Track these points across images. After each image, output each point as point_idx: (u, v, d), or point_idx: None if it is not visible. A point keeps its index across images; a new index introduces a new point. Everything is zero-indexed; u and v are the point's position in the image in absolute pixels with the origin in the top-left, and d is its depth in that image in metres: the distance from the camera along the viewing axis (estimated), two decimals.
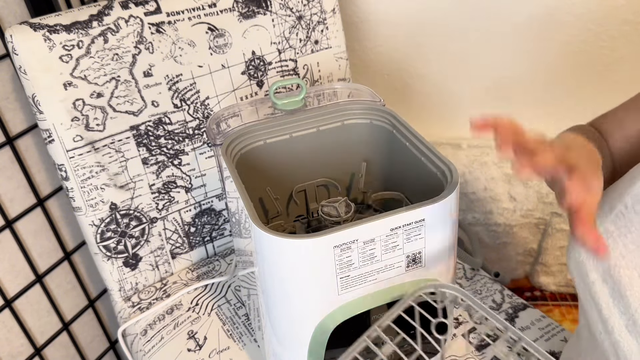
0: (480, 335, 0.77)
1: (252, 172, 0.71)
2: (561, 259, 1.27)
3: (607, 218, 0.50)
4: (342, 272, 0.55)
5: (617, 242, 0.49)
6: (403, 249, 0.57)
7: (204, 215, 0.90)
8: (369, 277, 0.57)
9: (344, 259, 0.54)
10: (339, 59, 0.94)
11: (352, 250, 0.54)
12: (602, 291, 0.50)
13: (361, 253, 0.55)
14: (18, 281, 0.87)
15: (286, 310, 0.59)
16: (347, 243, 0.53)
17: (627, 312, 0.48)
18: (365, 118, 0.74)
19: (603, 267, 0.50)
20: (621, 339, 0.49)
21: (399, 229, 0.55)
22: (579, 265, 0.52)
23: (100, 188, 0.78)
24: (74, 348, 0.99)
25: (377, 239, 0.55)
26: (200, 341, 0.79)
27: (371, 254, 0.55)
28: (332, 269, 0.54)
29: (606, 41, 1.03)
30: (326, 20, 0.90)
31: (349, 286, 0.56)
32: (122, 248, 0.84)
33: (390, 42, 1.11)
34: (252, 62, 0.85)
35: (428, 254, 0.58)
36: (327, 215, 0.69)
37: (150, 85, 0.78)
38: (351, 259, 0.55)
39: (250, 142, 0.71)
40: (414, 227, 0.56)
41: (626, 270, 0.48)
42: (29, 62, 0.69)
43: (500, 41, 1.07)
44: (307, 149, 0.74)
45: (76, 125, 0.74)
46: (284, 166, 0.74)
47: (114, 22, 0.73)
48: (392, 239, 0.55)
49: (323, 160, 0.76)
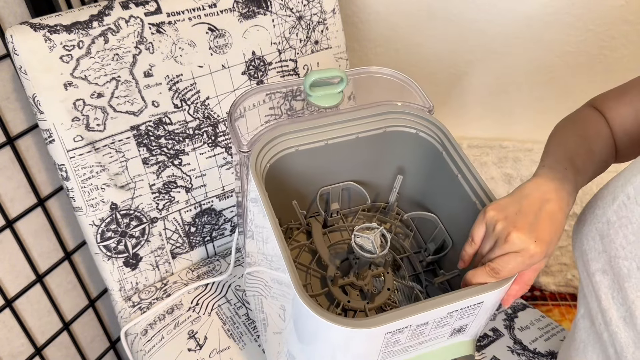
0: None
1: (278, 183, 0.64)
2: (561, 259, 1.27)
3: (610, 208, 0.49)
4: (387, 349, 0.52)
5: (618, 233, 0.48)
6: (452, 325, 0.53)
7: (204, 215, 0.90)
8: (411, 348, 0.54)
9: (391, 340, 0.50)
10: (339, 59, 0.94)
11: (403, 333, 0.50)
12: (602, 282, 0.50)
13: (410, 334, 0.51)
14: (18, 281, 0.87)
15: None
16: (401, 329, 0.49)
17: (625, 304, 0.48)
18: (411, 127, 0.66)
19: (604, 257, 0.50)
20: (619, 330, 0.49)
21: (455, 312, 0.51)
22: (583, 254, 0.52)
23: (100, 188, 0.78)
24: (75, 348, 0.99)
25: (431, 322, 0.51)
26: (200, 341, 0.79)
27: (421, 332, 0.52)
28: (377, 347, 0.51)
29: (606, 41, 1.03)
30: (326, 21, 0.90)
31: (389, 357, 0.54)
32: (123, 248, 0.84)
33: (390, 42, 1.11)
34: (252, 63, 0.85)
35: (474, 325, 0.55)
36: (361, 248, 0.61)
37: (150, 86, 0.78)
38: (399, 339, 0.51)
39: (280, 149, 0.62)
40: (471, 309, 0.52)
41: (625, 261, 0.48)
42: (30, 62, 0.69)
43: (501, 41, 1.07)
44: (341, 156, 0.67)
45: (76, 126, 0.74)
46: (311, 171, 0.67)
47: (115, 23, 0.73)
48: (445, 320, 0.52)
49: (354, 165, 0.69)
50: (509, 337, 0.76)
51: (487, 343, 0.76)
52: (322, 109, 0.63)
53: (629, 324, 0.48)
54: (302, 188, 0.70)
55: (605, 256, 0.50)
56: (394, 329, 0.49)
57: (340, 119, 0.64)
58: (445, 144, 0.64)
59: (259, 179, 0.58)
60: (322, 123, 0.63)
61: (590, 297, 0.53)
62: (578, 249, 0.53)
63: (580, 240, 0.52)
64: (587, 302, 0.54)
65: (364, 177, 0.72)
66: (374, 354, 0.52)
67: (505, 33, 1.05)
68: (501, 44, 1.07)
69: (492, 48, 1.08)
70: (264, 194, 0.56)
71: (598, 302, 0.51)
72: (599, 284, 0.50)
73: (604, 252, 0.50)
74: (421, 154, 0.68)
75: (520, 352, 0.74)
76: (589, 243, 0.51)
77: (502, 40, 1.06)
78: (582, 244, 0.52)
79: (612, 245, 0.49)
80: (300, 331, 0.54)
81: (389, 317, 0.48)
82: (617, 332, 0.49)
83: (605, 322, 0.51)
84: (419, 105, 0.66)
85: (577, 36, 1.03)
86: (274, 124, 0.62)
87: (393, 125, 0.66)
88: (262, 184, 0.58)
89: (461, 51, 1.09)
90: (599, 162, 0.61)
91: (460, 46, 1.09)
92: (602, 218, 0.50)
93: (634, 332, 0.48)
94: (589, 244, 0.51)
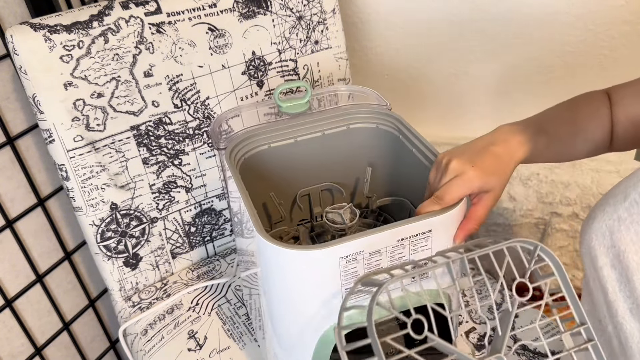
0: (480, 335, 0.77)
1: (256, 176, 0.70)
2: (561, 259, 1.27)
3: (621, 206, 0.51)
4: (348, 283, 0.54)
5: (629, 229, 0.51)
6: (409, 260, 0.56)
7: (204, 215, 0.90)
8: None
9: (349, 270, 0.53)
10: (339, 59, 0.94)
11: (358, 261, 0.53)
12: (609, 276, 0.52)
13: (367, 264, 0.54)
14: (18, 281, 0.87)
15: (290, 318, 0.59)
16: (353, 254, 0.53)
17: (632, 296, 0.50)
18: (371, 122, 0.74)
19: (613, 252, 0.52)
20: (624, 321, 0.51)
21: (405, 240, 0.54)
22: (590, 250, 0.54)
23: (100, 188, 0.78)
24: (75, 348, 0.99)
25: (383, 251, 0.54)
26: (200, 341, 0.79)
27: (377, 264, 0.54)
28: (337, 280, 0.54)
29: (606, 41, 1.03)
30: (326, 21, 0.90)
31: (355, 297, 0.56)
32: (123, 248, 0.84)
33: (390, 42, 1.11)
34: (252, 62, 0.85)
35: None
36: (332, 222, 0.68)
37: (150, 86, 0.78)
38: (357, 270, 0.54)
39: (254, 146, 0.70)
40: (420, 238, 0.55)
41: (635, 256, 0.50)
42: (30, 62, 0.69)
43: (500, 41, 1.07)
44: (312, 153, 0.73)
45: (76, 125, 0.74)
46: (288, 170, 0.73)
47: (115, 22, 0.73)
48: (399, 250, 0.54)
49: (328, 165, 0.75)
50: (510, 336, 0.76)
51: (488, 343, 0.76)
52: (291, 114, 0.72)
53: (634, 315, 0.51)
54: (282, 189, 0.75)
55: (614, 251, 0.52)
56: (346, 254, 0.52)
57: (307, 119, 0.72)
58: (402, 129, 0.70)
59: (233, 163, 0.65)
60: (291, 124, 0.71)
61: (597, 290, 0.54)
62: (586, 244, 0.55)
63: (590, 236, 0.54)
64: (592, 297, 0.56)
65: (340, 178, 0.77)
66: (335, 286, 0.54)
67: (505, 33, 1.05)
68: (501, 44, 1.07)
69: (492, 48, 1.08)
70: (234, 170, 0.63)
71: (604, 295, 0.53)
72: (607, 277, 0.52)
73: (612, 247, 0.52)
74: (384, 145, 0.74)
75: (521, 352, 0.74)
76: (598, 239, 0.53)
77: (502, 40, 1.06)
78: (590, 239, 0.54)
79: (623, 241, 0.51)
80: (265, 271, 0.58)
81: (339, 241, 0.52)
82: (622, 323, 0.52)
83: (610, 315, 0.53)
84: (377, 104, 0.75)
85: (577, 36, 1.03)
86: (247, 127, 0.71)
87: (355, 122, 0.74)
88: (235, 167, 0.65)
89: (461, 51, 1.09)
90: (584, 139, 0.64)
91: (460, 46, 1.09)
92: (613, 215, 0.52)
93: None
94: (598, 239, 0.53)
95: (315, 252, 0.51)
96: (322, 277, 0.53)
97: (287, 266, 0.54)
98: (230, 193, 0.69)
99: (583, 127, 0.64)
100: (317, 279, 0.54)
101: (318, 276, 0.53)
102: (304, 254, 0.52)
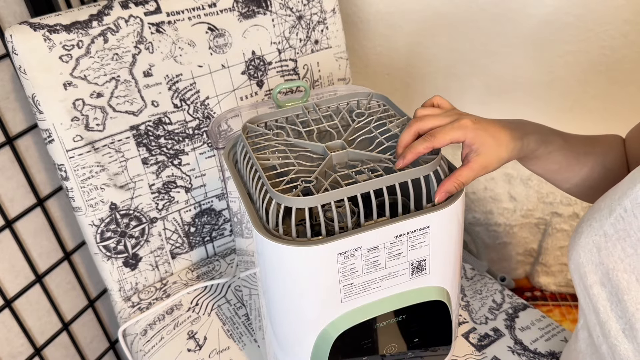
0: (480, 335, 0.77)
1: None
2: (561, 259, 1.27)
3: (607, 221, 0.49)
4: (346, 279, 0.54)
5: (616, 246, 0.48)
6: (407, 257, 0.56)
7: (204, 215, 0.90)
8: (372, 284, 0.56)
9: (347, 266, 0.54)
10: (339, 58, 0.94)
11: (356, 257, 0.53)
12: (600, 294, 0.50)
13: (365, 261, 0.54)
14: (18, 281, 0.87)
15: (288, 315, 0.59)
16: (351, 250, 0.53)
17: (624, 317, 0.48)
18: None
19: (602, 270, 0.49)
20: (618, 342, 0.49)
21: (403, 236, 0.54)
22: (579, 267, 0.52)
23: (100, 188, 0.78)
24: (74, 348, 0.99)
25: (381, 247, 0.54)
26: (200, 341, 0.79)
27: (375, 261, 0.55)
28: (334, 276, 0.54)
29: (606, 41, 1.03)
30: (326, 20, 0.90)
31: (353, 294, 0.56)
32: (122, 248, 0.84)
33: (390, 42, 1.11)
34: (252, 62, 0.85)
35: (433, 261, 0.57)
36: (331, 220, 0.68)
37: (150, 85, 0.78)
38: (354, 266, 0.54)
39: None
40: (418, 234, 0.55)
41: (624, 274, 0.48)
42: (29, 62, 0.69)
43: (501, 41, 1.07)
44: None
45: (76, 125, 0.74)
46: None
47: (114, 22, 0.73)
48: (397, 246, 0.55)
49: None
50: (510, 337, 0.76)
51: (488, 343, 0.76)
52: None
53: (628, 337, 0.48)
54: None
55: (603, 268, 0.49)
56: (343, 250, 0.52)
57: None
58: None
59: (231, 162, 0.65)
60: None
61: (588, 309, 0.52)
62: (574, 260, 0.52)
63: (577, 252, 0.52)
64: (584, 314, 0.54)
65: None
66: (333, 283, 0.54)
67: (505, 33, 1.05)
68: (501, 44, 1.07)
69: (492, 48, 1.08)
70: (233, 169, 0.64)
71: (596, 315, 0.51)
72: (597, 296, 0.50)
73: (601, 265, 0.50)
74: None
75: (521, 352, 0.74)
76: (585, 255, 0.51)
77: (502, 40, 1.06)
78: (578, 256, 0.52)
79: (610, 258, 0.49)
80: (263, 268, 0.57)
81: (336, 237, 0.52)
82: (616, 344, 0.49)
83: (604, 335, 0.51)
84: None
85: (577, 36, 1.03)
86: None
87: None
88: (234, 166, 0.65)
89: (461, 51, 1.09)
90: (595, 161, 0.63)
91: (460, 46, 1.09)
92: (599, 231, 0.50)
93: (634, 345, 0.48)
94: (586, 256, 0.51)
95: (313, 247, 0.52)
96: (319, 274, 0.54)
97: (284, 262, 0.54)
98: (230, 193, 0.69)
99: (600, 151, 0.64)
100: (314, 275, 0.54)
101: (315, 272, 0.54)
102: (302, 249, 0.52)
